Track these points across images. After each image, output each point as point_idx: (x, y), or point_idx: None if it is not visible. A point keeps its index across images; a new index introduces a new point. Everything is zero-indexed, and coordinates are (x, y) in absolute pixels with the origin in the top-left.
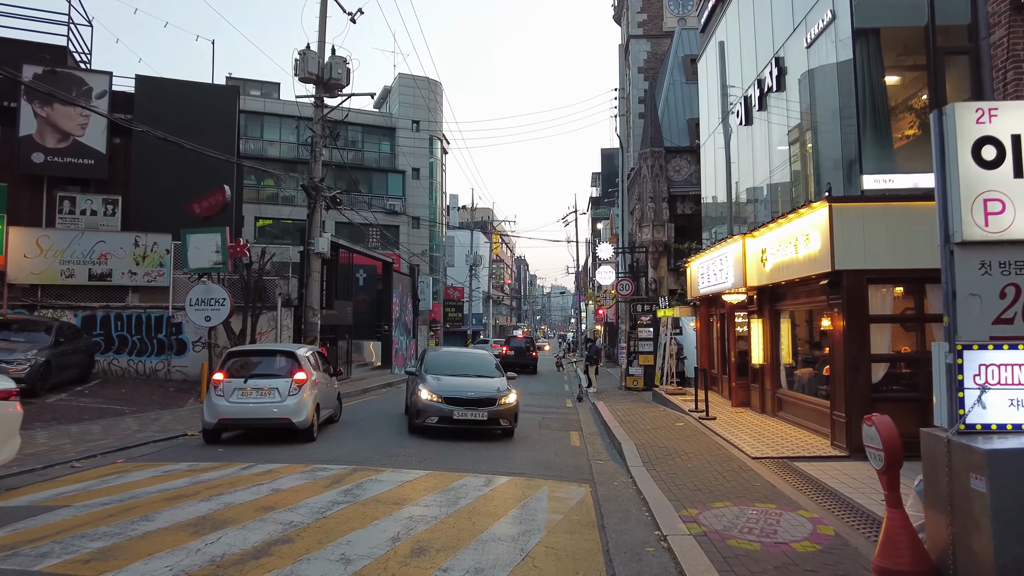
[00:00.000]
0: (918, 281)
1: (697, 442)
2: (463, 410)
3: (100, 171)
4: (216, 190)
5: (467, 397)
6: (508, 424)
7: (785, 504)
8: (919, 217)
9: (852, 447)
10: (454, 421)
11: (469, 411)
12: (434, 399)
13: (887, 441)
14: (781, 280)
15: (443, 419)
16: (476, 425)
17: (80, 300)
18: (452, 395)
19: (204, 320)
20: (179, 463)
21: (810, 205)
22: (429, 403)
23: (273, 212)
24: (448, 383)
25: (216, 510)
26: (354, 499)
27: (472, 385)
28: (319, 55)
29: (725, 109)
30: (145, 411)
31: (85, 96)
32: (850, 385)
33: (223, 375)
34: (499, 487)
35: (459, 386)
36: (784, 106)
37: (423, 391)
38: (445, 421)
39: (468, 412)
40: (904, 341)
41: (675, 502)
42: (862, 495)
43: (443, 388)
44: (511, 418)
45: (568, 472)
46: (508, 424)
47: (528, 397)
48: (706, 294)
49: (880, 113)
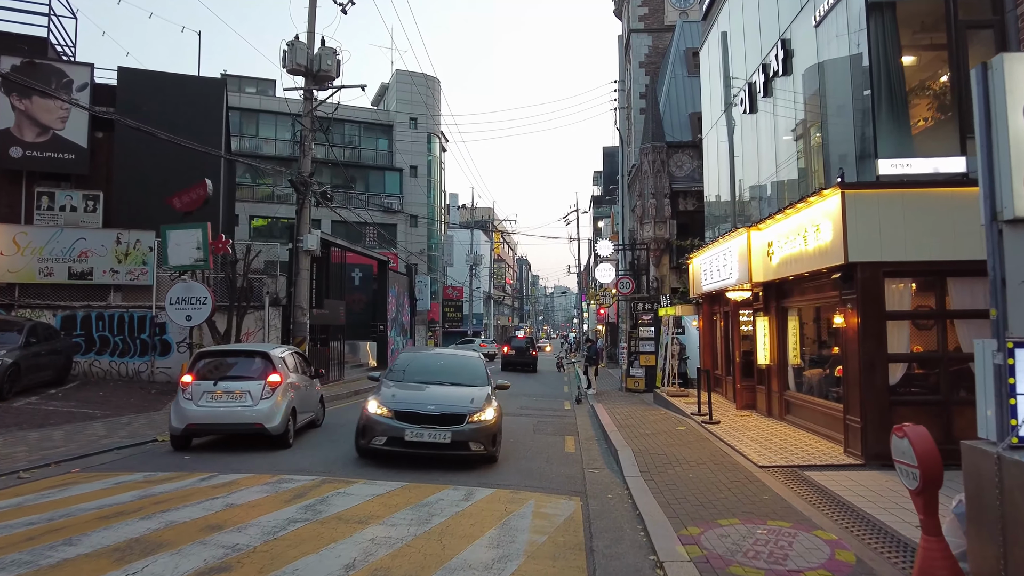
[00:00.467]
0: (939, 274)
1: (699, 448)
2: (418, 429)
3: (81, 166)
4: (197, 184)
5: (426, 412)
6: (482, 448)
7: (797, 521)
8: (940, 204)
9: (868, 455)
10: (406, 444)
11: (427, 430)
12: (383, 413)
13: (924, 457)
14: (789, 275)
15: (392, 440)
16: (435, 449)
17: (60, 299)
18: (407, 408)
19: (185, 319)
20: (136, 473)
21: (820, 193)
22: (377, 419)
23: (269, 211)
24: (405, 393)
25: (154, 531)
26: (314, 516)
27: (437, 396)
28: (308, 46)
29: (728, 100)
30: (119, 415)
31: (65, 88)
32: (865, 387)
33: (192, 377)
34: (479, 502)
35: (417, 398)
36: (791, 91)
37: (371, 403)
38: (395, 443)
39: (426, 432)
40: (923, 340)
41: (674, 519)
42: (884, 511)
43: (397, 400)
44: (487, 440)
45: (559, 483)
46: (482, 448)
47: (525, 399)
48: (709, 291)
49: (896, 94)
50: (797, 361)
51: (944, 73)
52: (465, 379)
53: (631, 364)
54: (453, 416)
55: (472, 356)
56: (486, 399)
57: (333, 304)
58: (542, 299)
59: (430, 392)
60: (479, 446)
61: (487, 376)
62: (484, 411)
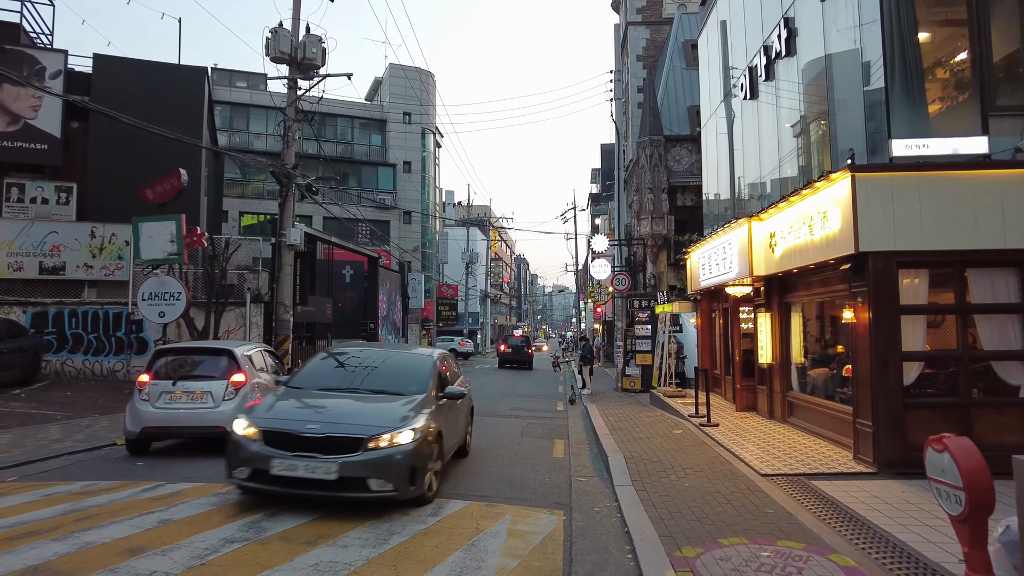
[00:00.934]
0: (958, 265)
1: (697, 454)
2: (290, 459)
3: (55, 157)
4: (171, 174)
5: (305, 434)
6: (389, 488)
7: (808, 541)
8: (960, 188)
9: (881, 462)
10: (272, 480)
11: (303, 461)
12: (249, 434)
13: (971, 476)
14: (793, 268)
15: (256, 475)
16: (313, 489)
17: (31, 295)
18: (280, 427)
19: (158, 316)
20: (76, 483)
21: (828, 177)
22: (240, 440)
23: (259, 207)
24: (287, 405)
25: (61, 555)
26: (256, 536)
27: (333, 411)
28: (292, 33)
29: (727, 88)
30: (81, 416)
31: (38, 76)
32: (877, 388)
33: (149, 377)
34: (448, 518)
35: (301, 414)
36: (795, 73)
37: (239, 421)
38: (259, 478)
39: (301, 463)
40: (940, 336)
41: (667, 538)
42: (905, 528)
43: (272, 414)
44: (399, 474)
45: (542, 494)
46: (389, 488)
47: (517, 399)
48: (707, 287)
49: (911, 69)
50: (801, 360)
51: (964, 47)
52: (394, 386)
53: (627, 363)
54: (344, 440)
55: (419, 355)
56: (414, 414)
57: (319, 301)
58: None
59: (329, 405)
60: (384, 484)
61: (429, 382)
62: (399, 432)
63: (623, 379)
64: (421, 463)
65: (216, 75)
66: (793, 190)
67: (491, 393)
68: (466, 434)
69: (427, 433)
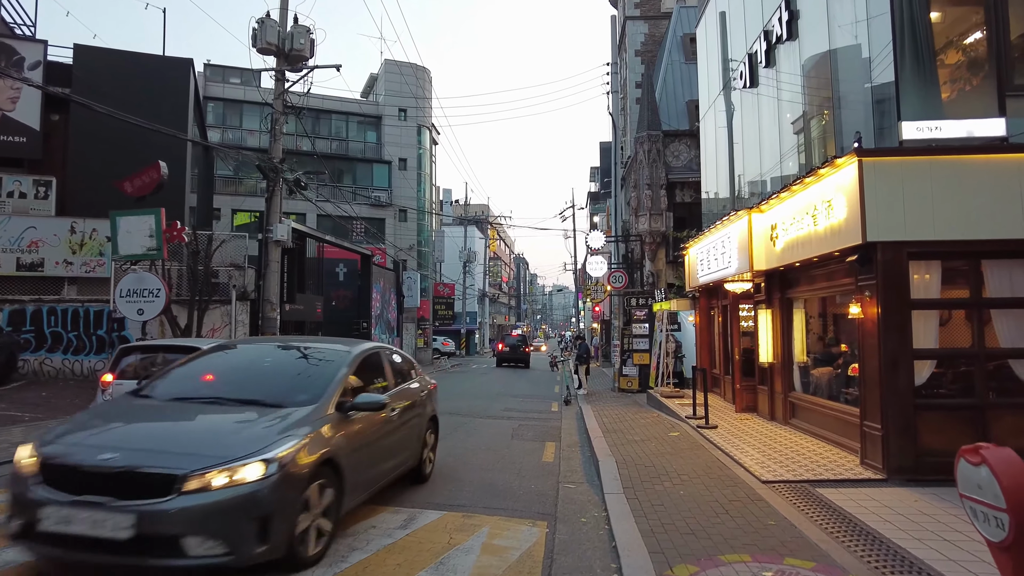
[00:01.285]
0: (973, 256)
1: (694, 458)
2: (67, 509)
3: (34, 150)
4: (150, 166)
5: (95, 466)
6: (221, 550)
7: (815, 559)
8: (975, 174)
9: (891, 468)
10: (41, 538)
11: (86, 511)
12: (27, 468)
13: (1018, 495)
14: (795, 261)
15: (24, 529)
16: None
17: (7, 293)
18: (65, 458)
19: (137, 313)
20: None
21: (833, 163)
22: (16, 475)
23: (253, 205)
24: (91, 423)
25: None
26: None
27: (150, 435)
28: (280, 23)
29: (726, 79)
30: (52, 418)
31: (16, 66)
32: (887, 388)
33: (113, 376)
34: (419, 530)
35: (102, 439)
36: (796, 58)
37: (24, 447)
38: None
39: (83, 514)
40: (954, 333)
41: (658, 554)
42: (921, 544)
43: (63, 439)
44: (233, 528)
45: (525, 502)
46: (221, 550)
47: (511, 399)
48: (706, 283)
49: (923, 46)
50: (804, 359)
51: (979, 23)
52: (274, 394)
53: (624, 363)
54: (150, 477)
55: (333, 350)
56: (279, 436)
57: (308, 299)
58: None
59: (158, 423)
60: (210, 544)
61: (328, 388)
62: (244, 464)
63: (620, 379)
64: (283, 510)
65: (209, 71)
66: (795, 178)
67: (485, 392)
68: (422, 455)
69: (298, 466)
